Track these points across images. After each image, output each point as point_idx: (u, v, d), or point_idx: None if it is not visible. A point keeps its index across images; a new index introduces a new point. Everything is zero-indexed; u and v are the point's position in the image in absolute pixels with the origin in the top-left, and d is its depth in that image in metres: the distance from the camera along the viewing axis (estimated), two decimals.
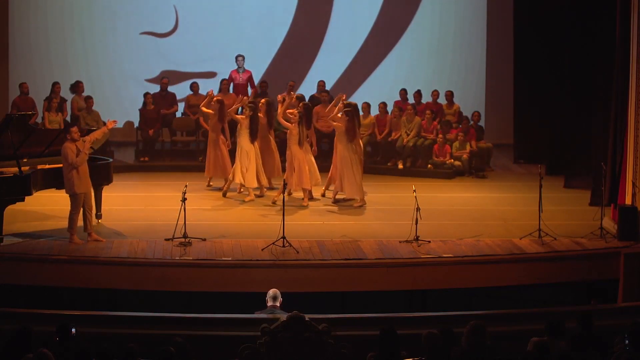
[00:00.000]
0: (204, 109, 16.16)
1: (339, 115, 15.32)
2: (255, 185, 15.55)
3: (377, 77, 20.24)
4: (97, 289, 12.46)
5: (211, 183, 16.40)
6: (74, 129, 13.11)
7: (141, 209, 15.09)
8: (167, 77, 19.20)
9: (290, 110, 15.63)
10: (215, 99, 16.27)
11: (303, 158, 15.17)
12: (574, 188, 16.33)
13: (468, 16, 20.23)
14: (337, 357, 8.88)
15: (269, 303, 10.24)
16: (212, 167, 16.12)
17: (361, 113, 18.26)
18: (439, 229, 13.83)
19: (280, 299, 10.27)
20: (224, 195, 15.80)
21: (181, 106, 19.10)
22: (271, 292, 10.31)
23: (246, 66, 18.78)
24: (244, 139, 15.36)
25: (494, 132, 19.25)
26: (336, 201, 15.45)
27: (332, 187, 15.64)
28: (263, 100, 16.18)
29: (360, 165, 15.22)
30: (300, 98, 16.44)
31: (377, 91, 19.54)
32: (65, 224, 13.09)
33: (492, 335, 8.43)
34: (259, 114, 15.57)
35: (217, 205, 15.44)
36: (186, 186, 13.34)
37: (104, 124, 17.17)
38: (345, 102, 15.60)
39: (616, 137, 14.01)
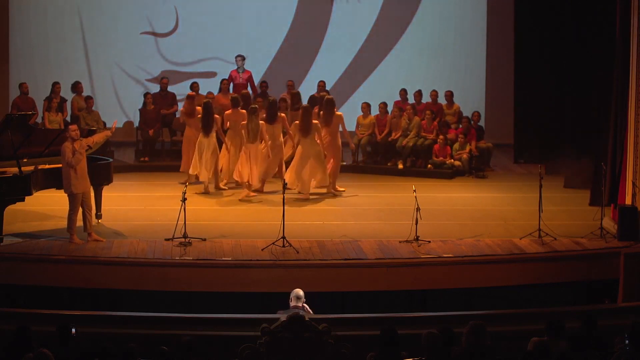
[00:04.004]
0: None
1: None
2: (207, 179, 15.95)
3: (377, 77, 20.24)
4: (97, 289, 12.45)
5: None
6: (73, 127, 13.09)
7: (141, 209, 15.09)
8: (167, 77, 19.21)
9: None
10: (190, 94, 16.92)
11: (247, 153, 15.45)
12: (574, 188, 16.32)
13: (468, 16, 20.23)
14: (337, 357, 8.88)
15: (292, 303, 10.17)
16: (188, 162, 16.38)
17: (361, 113, 18.40)
18: (439, 229, 13.82)
19: (304, 298, 10.22)
20: (218, 188, 16.08)
21: (181, 106, 19.08)
22: (294, 292, 10.24)
23: (246, 66, 18.78)
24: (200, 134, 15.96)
25: (494, 132, 19.24)
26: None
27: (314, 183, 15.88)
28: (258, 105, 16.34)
29: (317, 159, 15.46)
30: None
31: (377, 91, 19.53)
32: (65, 224, 13.08)
33: (492, 335, 8.42)
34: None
35: (217, 205, 15.44)
36: (186, 186, 13.35)
37: (104, 124, 17.32)
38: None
39: (616, 137, 14.01)
